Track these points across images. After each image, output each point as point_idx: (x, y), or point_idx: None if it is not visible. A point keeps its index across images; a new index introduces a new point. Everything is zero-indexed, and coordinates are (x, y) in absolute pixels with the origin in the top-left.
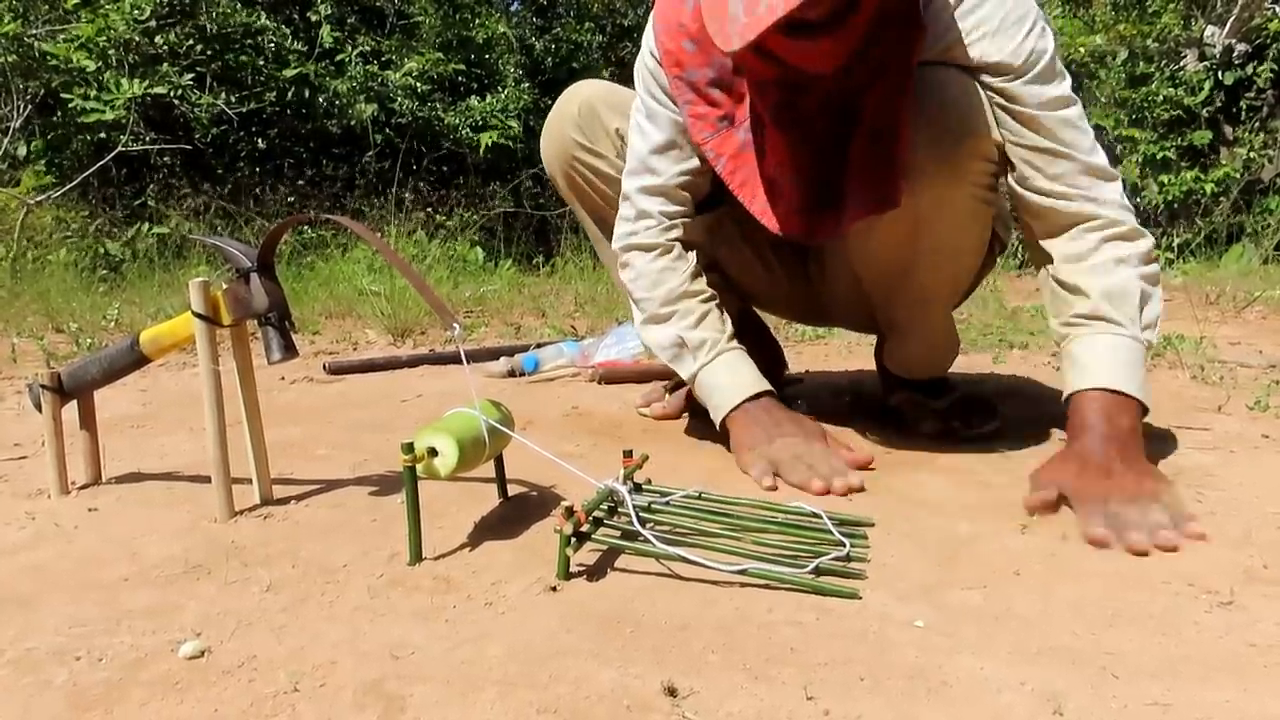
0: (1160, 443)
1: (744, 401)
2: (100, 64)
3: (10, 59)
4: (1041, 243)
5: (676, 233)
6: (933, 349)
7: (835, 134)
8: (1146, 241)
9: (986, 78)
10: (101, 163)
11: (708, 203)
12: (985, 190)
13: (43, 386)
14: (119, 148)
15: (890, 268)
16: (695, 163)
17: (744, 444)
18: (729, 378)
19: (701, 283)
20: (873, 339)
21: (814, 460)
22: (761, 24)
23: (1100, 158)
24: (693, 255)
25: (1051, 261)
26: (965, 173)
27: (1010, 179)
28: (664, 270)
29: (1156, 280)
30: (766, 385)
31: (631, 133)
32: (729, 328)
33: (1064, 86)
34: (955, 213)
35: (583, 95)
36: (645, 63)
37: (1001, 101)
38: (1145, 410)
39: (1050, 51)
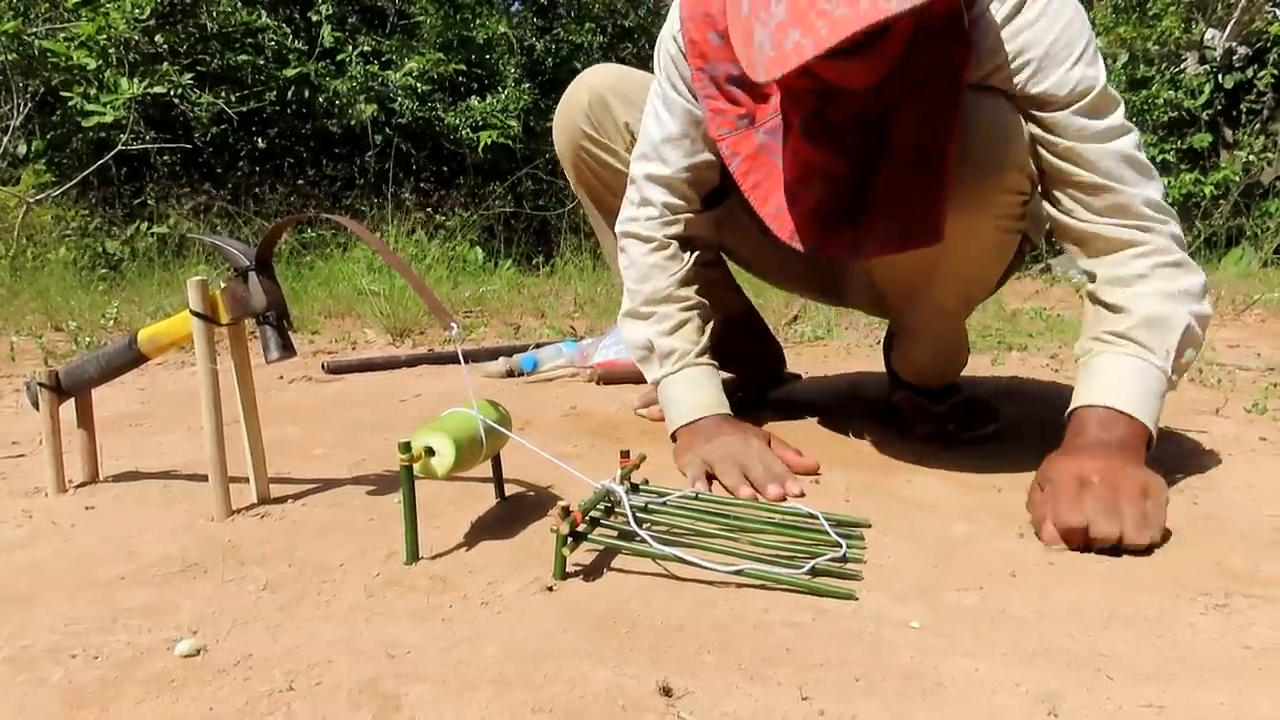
0: (1157, 445)
1: (697, 419)
2: (100, 62)
3: (10, 57)
4: (1085, 263)
5: (676, 229)
6: (941, 358)
7: (866, 150)
8: (1199, 277)
9: (1030, 108)
10: (101, 162)
11: (716, 196)
12: (1012, 220)
13: (40, 385)
14: (119, 147)
15: (907, 284)
16: (705, 157)
17: (682, 448)
18: (687, 394)
19: (690, 289)
20: (873, 342)
21: (748, 462)
22: (788, 64)
23: (1154, 191)
24: (689, 255)
25: (1094, 281)
26: (992, 205)
27: (1050, 209)
28: (654, 266)
29: (1206, 323)
30: (724, 409)
31: (647, 115)
32: (704, 340)
33: (1115, 117)
34: (979, 242)
35: (593, 85)
36: (668, 48)
37: (1043, 133)
38: (1151, 443)
39: (1100, 81)
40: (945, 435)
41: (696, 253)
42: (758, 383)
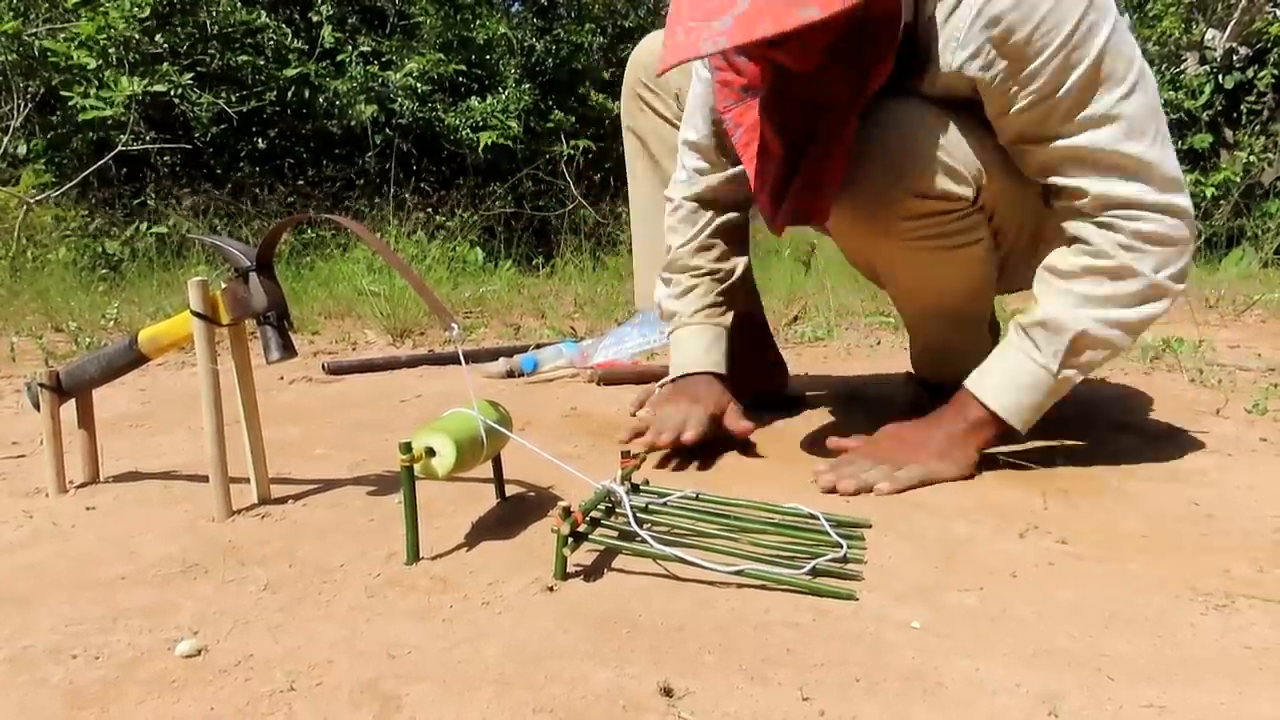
0: (1158, 445)
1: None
2: (100, 62)
3: (10, 57)
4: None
5: (695, 189)
6: (929, 356)
7: (800, 133)
8: (1135, 283)
9: (997, 112)
10: (101, 162)
11: None
12: (939, 239)
13: (41, 385)
14: (119, 147)
15: (876, 282)
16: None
17: (656, 400)
18: (676, 354)
19: (704, 256)
20: (873, 343)
21: (668, 414)
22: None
23: (1126, 186)
24: (708, 217)
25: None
26: (890, 228)
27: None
28: (670, 229)
29: (1129, 328)
30: (701, 367)
31: (690, 85)
32: (704, 302)
33: (1097, 104)
34: (898, 262)
35: (653, 49)
36: None
37: (1009, 137)
38: (1013, 427)
39: (1078, 72)
40: None
41: (722, 216)
42: (756, 393)
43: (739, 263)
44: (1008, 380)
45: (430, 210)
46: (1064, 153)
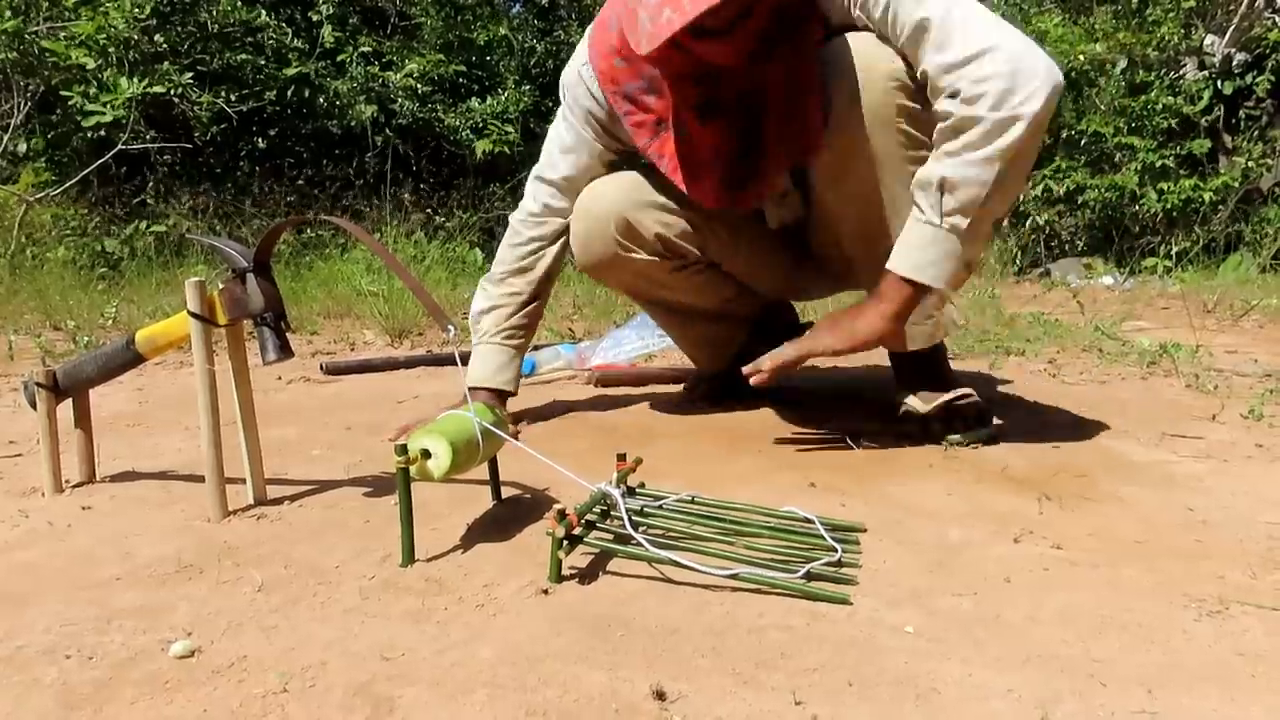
0: (1154, 451)
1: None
2: (100, 61)
3: (10, 56)
4: None
5: (544, 225)
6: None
7: (750, 115)
8: (978, 127)
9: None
10: (101, 161)
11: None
12: (919, 149)
13: (38, 384)
14: (119, 146)
15: (858, 227)
16: (589, 173)
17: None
18: (477, 365)
19: (520, 280)
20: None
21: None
22: (660, 35)
23: (949, 52)
24: (542, 254)
25: None
26: (884, 114)
27: None
28: (506, 246)
29: (986, 159)
30: (491, 384)
31: (550, 132)
32: (506, 324)
33: None
34: (891, 159)
35: (612, 208)
36: (574, 80)
37: (869, 22)
38: (928, 287)
39: None
40: (932, 436)
41: (552, 249)
42: (776, 334)
43: (545, 294)
44: (906, 246)
45: (429, 211)
46: (909, 39)
